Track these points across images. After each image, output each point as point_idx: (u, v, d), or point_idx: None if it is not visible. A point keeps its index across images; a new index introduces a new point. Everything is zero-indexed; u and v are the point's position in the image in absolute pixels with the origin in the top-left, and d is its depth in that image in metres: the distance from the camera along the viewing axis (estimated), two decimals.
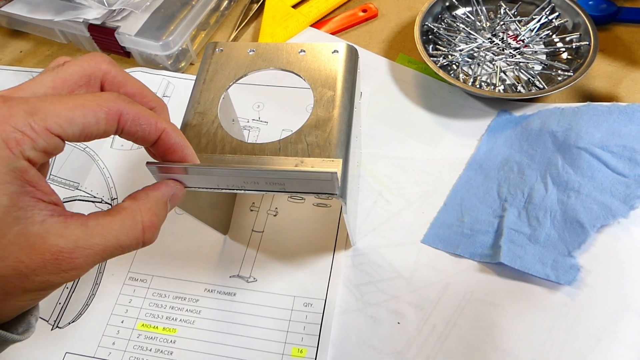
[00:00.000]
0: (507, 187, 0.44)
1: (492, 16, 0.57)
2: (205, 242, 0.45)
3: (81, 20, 0.52)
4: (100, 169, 0.49)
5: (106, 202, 0.48)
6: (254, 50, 0.37)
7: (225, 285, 0.42)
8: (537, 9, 0.55)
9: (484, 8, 0.56)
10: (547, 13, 0.55)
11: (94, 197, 0.48)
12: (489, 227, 0.42)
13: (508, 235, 0.41)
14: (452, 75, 0.53)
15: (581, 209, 0.39)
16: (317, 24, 0.59)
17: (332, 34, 0.59)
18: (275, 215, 0.46)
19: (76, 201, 0.48)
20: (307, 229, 0.45)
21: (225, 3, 0.60)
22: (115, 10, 0.50)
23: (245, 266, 0.43)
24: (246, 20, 0.60)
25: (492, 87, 0.51)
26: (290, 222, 0.46)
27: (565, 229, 0.39)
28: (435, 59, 0.53)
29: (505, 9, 0.56)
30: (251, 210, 0.46)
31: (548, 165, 0.44)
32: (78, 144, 0.52)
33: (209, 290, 0.43)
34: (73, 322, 0.42)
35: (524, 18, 0.56)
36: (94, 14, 0.51)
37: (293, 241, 0.44)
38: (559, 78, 0.51)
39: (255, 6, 0.61)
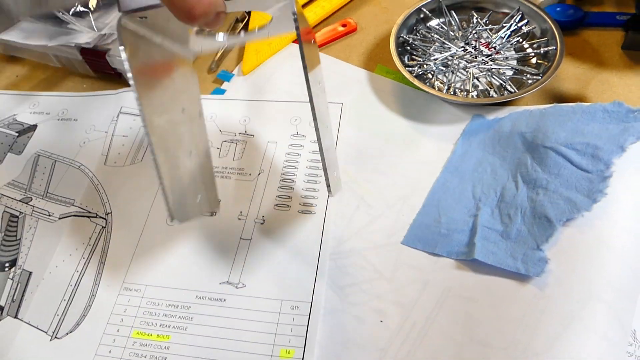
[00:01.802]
0: (481, 187, 0.46)
1: (465, 26, 0.59)
2: (196, 250, 0.47)
3: (73, 44, 0.54)
4: (94, 185, 0.52)
5: (101, 217, 0.50)
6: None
7: (216, 291, 0.45)
8: (507, 17, 0.58)
9: (456, 18, 0.59)
10: (517, 20, 0.57)
11: (89, 212, 0.50)
12: (464, 226, 0.44)
13: (482, 233, 0.43)
14: (428, 83, 0.55)
15: (548, 205, 0.41)
16: None
17: None
18: (262, 224, 0.48)
19: (72, 217, 0.50)
20: (293, 236, 0.47)
21: None
22: (105, 34, 0.53)
23: (235, 273, 0.45)
24: None
25: (466, 93, 0.54)
26: (276, 229, 0.48)
27: (534, 224, 0.41)
28: (410, 68, 0.56)
29: (477, 18, 0.59)
30: (239, 219, 0.48)
31: (518, 164, 0.46)
32: (73, 162, 0.54)
33: (200, 297, 0.45)
34: (71, 332, 0.44)
35: (495, 26, 0.58)
36: (85, 39, 0.53)
37: (280, 247, 0.47)
38: (529, 82, 0.53)
39: (240, 24, 0.63)
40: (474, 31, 0.58)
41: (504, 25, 0.58)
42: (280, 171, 0.51)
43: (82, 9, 0.52)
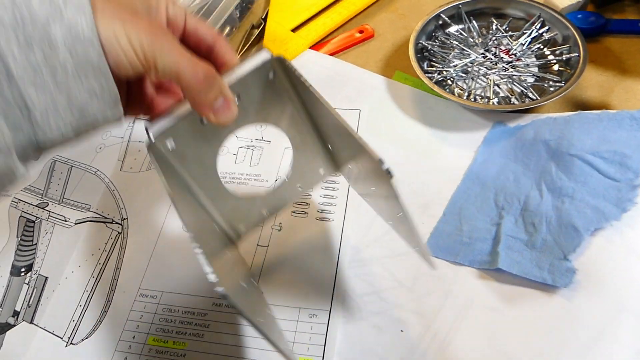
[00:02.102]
0: (504, 195, 0.46)
1: (484, 32, 0.59)
2: None
3: None
4: (110, 191, 0.51)
5: (117, 222, 0.49)
6: (204, 121, 0.36)
7: None
8: (528, 23, 0.57)
9: (475, 25, 0.58)
10: (537, 27, 0.57)
11: (105, 217, 0.50)
12: (487, 234, 0.43)
13: (505, 242, 0.42)
14: (448, 90, 0.55)
15: (575, 214, 0.40)
16: (316, 46, 0.62)
17: (331, 54, 0.61)
18: (279, 230, 0.47)
19: (88, 222, 0.50)
20: (311, 243, 0.46)
21: (227, 29, 0.63)
22: None
23: (252, 279, 0.45)
24: (248, 45, 0.62)
25: (487, 100, 0.53)
26: (294, 236, 0.47)
27: (561, 234, 0.40)
28: (430, 75, 0.55)
29: (496, 24, 0.58)
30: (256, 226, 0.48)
31: (542, 172, 0.45)
32: (89, 167, 0.54)
33: (216, 304, 0.44)
34: (87, 338, 0.43)
35: (515, 33, 0.57)
36: None
37: (297, 255, 0.46)
38: (551, 89, 0.52)
39: (256, 31, 0.63)
40: (493, 38, 0.57)
41: (525, 32, 0.57)
42: None
43: None
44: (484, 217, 0.45)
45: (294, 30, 0.62)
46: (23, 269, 0.48)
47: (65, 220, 0.50)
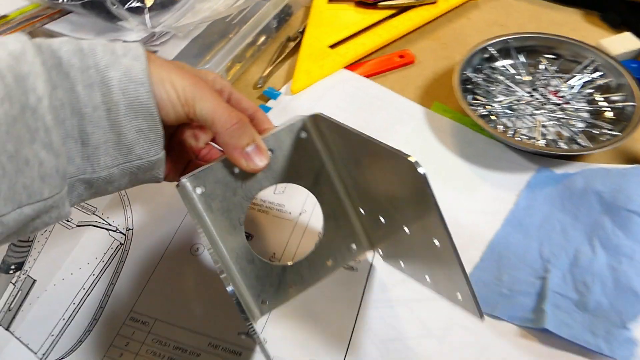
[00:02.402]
0: (550, 246, 0.41)
1: (532, 70, 0.56)
2: (217, 291, 0.42)
3: (122, 42, 0.51)
4: (120, 196, 0.47)
5: (121, 232, 0.45)
6: (237, 167, 0.35)
7: (232, 342, 0.39)
8: (579, 66, 0.54)
9: (524, 61, 0.55)
10: (590, 71, 0.53)
11: (110, 224, 0.45)
12: (530, 288, 0.39)
13: (552, 299, 0.37)
14: (492, 126, 0.51)
15: (635, 277, 0.36)
16: (352, 66, 0.59)
17: (367, 76, 0.58)
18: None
19: (90, 226, 0.45)
20: (330, 287, 0.41)
21: (262, 39, 0.60)
22: (155, 34, 0.50)
23: (257, 324, 0.40)
24: (282, 57, 0.59)
25: (533, 140, 0.50)
26: None
27: (618, 298, 0.36)
28: (473, 108, 0.51)
29: (545, 64, 0.55)
30: (270, 262, 0.43)
31: (594, 226, 0.41)
32: None
33: (213, 346, 0.39)
34: (62, 358, 0.38)
35: (565, 75, 0.54)
36: (134, 37, 0.50)
37: (314, 298, 0.41)
38: (602, 138, 0.49)
39: (292, 44, 0.60)
40: (542, 77, 0.54)
41: (575, 74, 0.54)
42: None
43: (137, 4, 0.49)
44: (526, 268, 0.41)
45: (332, 46, 0.59)
46: (13, 267, 0.43)
47: (68, 220, 0.46)
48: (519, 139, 0.50)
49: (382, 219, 0.36)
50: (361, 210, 0.39)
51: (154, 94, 0.30)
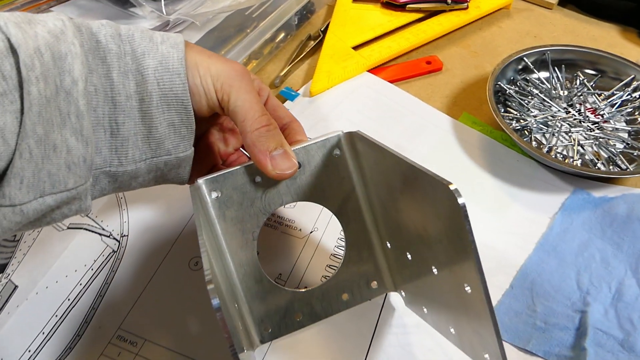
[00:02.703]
0: (589, 277, 0.38)
1: (569, 85, 0.52)
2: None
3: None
4: (117, 199, 0.43)
5: (114, 238, 0.41)
6: (260, 177, 0.33)
7: None
8: (620, 84, 0.51)
9: (561, 75, 0.52)
10: (631, 90, 0.50)
11: (103, 229, 0.41)
12: (568, 322, 0.35)
13: (594, 337, 0.34)
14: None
15: None
16: (377, 70, 0.55)
17: (391, 81, 0.54)
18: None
19: (82, 230, 0.41)
20: (342, 321, 0.37)
21: (281, 35, 0.57)
22: (169, 24, 0.46)
23: (258, 353, 0.36)
24: (302, 56, 0.56)
25: (570, 160, 0.46)
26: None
27: None
28: (506, 121, 0.48)
29: (583, 79, 0.52)
30: (275, 283, 0.40)
31: None
32: None
33: None
34: None
35: (603, 92, 0.51)
36: (146, 25, 0.47)
37: (323, 326, 0.37)
38: None
39: (313, 43, 0.57)
40: (579, 93, 0.51)
41: (615, 92, 0.50)
42: (339, 234, 0.42)
43: None
44: (563, 299, 0.37)
45: (355, 48, 0.56)
46: None
47: None
48: (554, 156, 0.46)
49: (408, 256, 0.33)
50: (388, 244, 0.35)
51: (188, 80, 0.29)
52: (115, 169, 0.29)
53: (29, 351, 0.35)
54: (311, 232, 0.42)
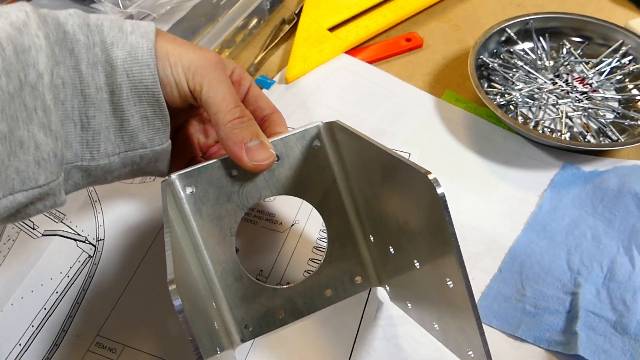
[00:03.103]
0: (580, 256, 0.36)
1: (555, 55, 0.50)
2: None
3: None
4: (92, 202, 0.42)
5: (90, 243, 0.40)
6: (236, 170, 0.32)
7: None
8: (608, 50, 0.48)
9: (545, 45, 0.50)
10: (620, 56, 0.48)
11: (78, 234, 0.40)
12: (559, 305, 0.34)
13: (585, 320, 0.32)
14: (510, 117, 0.46)
15: None
16: (353, 51, 0.53)
17: (370, 62, 0.52)
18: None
19: (56, 237, 0.40)
20: (326, 316, 0.36)
21: (254, 22, 0.54)
22: (133, 17, 0.44)
23: (241, 351, 0.35)
24: (276, 41, 0.53)
25: (559, 134, 0.44)
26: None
27: None
28: (490, 97, 0.46)
29: (569, 48, 0.50)
30: (257, 279, 0.38)
31: (632, 234, 0.36)
32: None
33: None
34: None
35: (591, 60, 0.49)
36: None
37: (305, 322, 0.36)
38: (635, 130, 0.43)
39: (287, 27, 0.55)
40: (566, 62, 0.48)
41: (603, 59, 0.48)
42: (321, 226, 0.40)
43: None
44: (553, 281, 0.36)
45: (331, 29, 0.54)
46: None
47: (33, 229, 0.41)
48: (541, 131, 0.44)
49: (391, 249, 0.31)
50: (371, 238, 0.34)
51: (158, 70, 0.28)
52: (88, 163, 0.28)
53: None
54: (292, 225, 0.40)
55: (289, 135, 0.32)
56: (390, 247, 0.31)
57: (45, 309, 0.37)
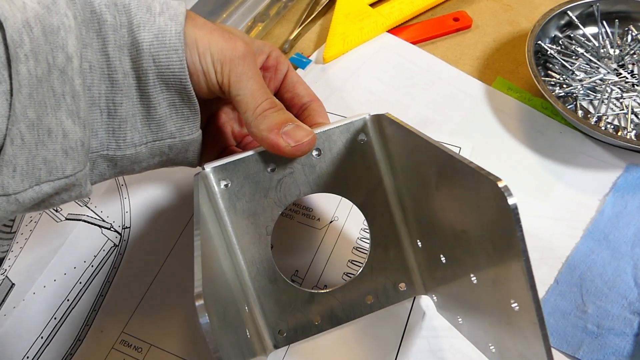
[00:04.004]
0: None
1: (620, 42, 0.45)
2: None
3: None
4: (118, 186, 0.39)
5: (115, 230, 0.37)
6: (274, 164, 0.29)
7: None
8: None
9: (611, 31, 0.45)
10: None
11: (103, 220, 0.38)
12: (626, 326, 0.31)
13: None
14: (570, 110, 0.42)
15: None
16: (397, 29, 0.49)
17: (414, 43, 0.48)
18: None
19: (80, 222, 0.37)
20: (367, 324, 0.33)
21: None
22: None
23: (275, 356, 0.32)
24: (313, 16, 0.49)
25: (622, 131, 0.40)
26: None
27: None
28: (548, 87, 0.42)
29: (636, 34, 0.45)
30: (292, 281, 0.35)
31: None
32: None
33: None
34: None
35: None
36: None
37: (344, 330, 0.33)
38: None
39: (325, 1, 0.50)
40: (632, 51, 0.44)
41: None
42: (363, 225, 0.37)
43: None
44: (618, 298, 0.32)
45: (373, 5, 0.49)
46: None
47: (57, 211, 0.38)
48: (604, 128, 0.41)
49: (442, 258, 0.28)
50: (419, 242, 0.31)
51: (186, 57, 0.26)
52: (114, 152, 0.27)
53: (27, 357, 0.33)
54: (331, 222, 0.38)
55: (332, 127, 0.29)
56: (442, 256, 0.28)
57: (68, 300, 0.35)
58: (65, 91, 0.23)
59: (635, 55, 0.44)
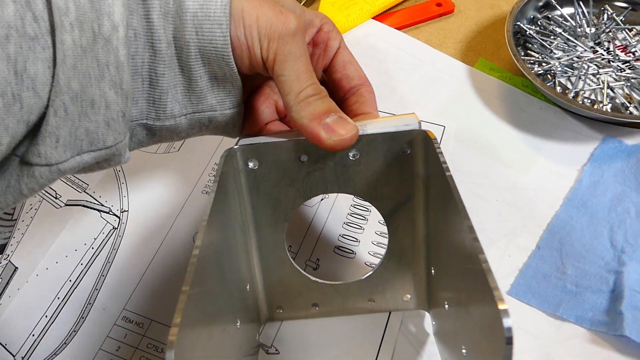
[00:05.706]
0: (624, 234, 0.35)
1: (596, 21, 0.47)
2: None
3: None
4: (115, 172, 0.41)
5: (114, 214, 0.39)
6: (307, 156, 0.28)
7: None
8: None
9: (587, 11, 0.47)
10: None
11: (102, 205, 0.39)
12: (602, 284, 0.33)
13: (631, 300, 0.31)
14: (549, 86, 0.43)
15: None
16: (382, 16, 0.51)
17: (399, 28, 0.50)
18: (315, 269, 0.36)
19: (79, 207, 0.39)
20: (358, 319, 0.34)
21: None
22: None
23: (267, 333, 0.34)
24: (301, 4, 0.51)
25: (598, 105, 0.42)
26: (331, 278, 0.33)
27: None
28: (527, 65, 0.44)
29: (611, 13, 0.47)
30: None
31: None
32: None
33: None
34: None
35: (634, 27, 0.46)
36: None
37: (336, 324, 0.34)
38: None
39: None
40: (607, 29, 0.46)
41: None
42: (351, 201, 0.39)
43: None
44: (595, 259, 0.34)
45: None
46: None
47: (56, 198, 0.40)
48: (581, 102, 0.42)
49: (446, 306, 0.28)
50: (432, 270, 0.30)
51: (230, 31, 0.25)
52: (153, 122, 0.26)
53: (33, 335, 0.34)
54: (322, 200, 0.39)
55: (377, 132, 0.27)
56: (447, 298, 0.28)
57: (70, 280, 0.36)
58: (109, 61, 0.23)
59: (610, 33, 0.46)
